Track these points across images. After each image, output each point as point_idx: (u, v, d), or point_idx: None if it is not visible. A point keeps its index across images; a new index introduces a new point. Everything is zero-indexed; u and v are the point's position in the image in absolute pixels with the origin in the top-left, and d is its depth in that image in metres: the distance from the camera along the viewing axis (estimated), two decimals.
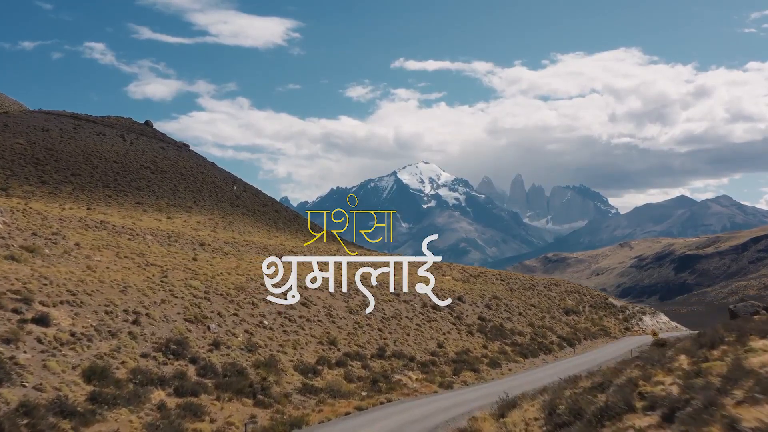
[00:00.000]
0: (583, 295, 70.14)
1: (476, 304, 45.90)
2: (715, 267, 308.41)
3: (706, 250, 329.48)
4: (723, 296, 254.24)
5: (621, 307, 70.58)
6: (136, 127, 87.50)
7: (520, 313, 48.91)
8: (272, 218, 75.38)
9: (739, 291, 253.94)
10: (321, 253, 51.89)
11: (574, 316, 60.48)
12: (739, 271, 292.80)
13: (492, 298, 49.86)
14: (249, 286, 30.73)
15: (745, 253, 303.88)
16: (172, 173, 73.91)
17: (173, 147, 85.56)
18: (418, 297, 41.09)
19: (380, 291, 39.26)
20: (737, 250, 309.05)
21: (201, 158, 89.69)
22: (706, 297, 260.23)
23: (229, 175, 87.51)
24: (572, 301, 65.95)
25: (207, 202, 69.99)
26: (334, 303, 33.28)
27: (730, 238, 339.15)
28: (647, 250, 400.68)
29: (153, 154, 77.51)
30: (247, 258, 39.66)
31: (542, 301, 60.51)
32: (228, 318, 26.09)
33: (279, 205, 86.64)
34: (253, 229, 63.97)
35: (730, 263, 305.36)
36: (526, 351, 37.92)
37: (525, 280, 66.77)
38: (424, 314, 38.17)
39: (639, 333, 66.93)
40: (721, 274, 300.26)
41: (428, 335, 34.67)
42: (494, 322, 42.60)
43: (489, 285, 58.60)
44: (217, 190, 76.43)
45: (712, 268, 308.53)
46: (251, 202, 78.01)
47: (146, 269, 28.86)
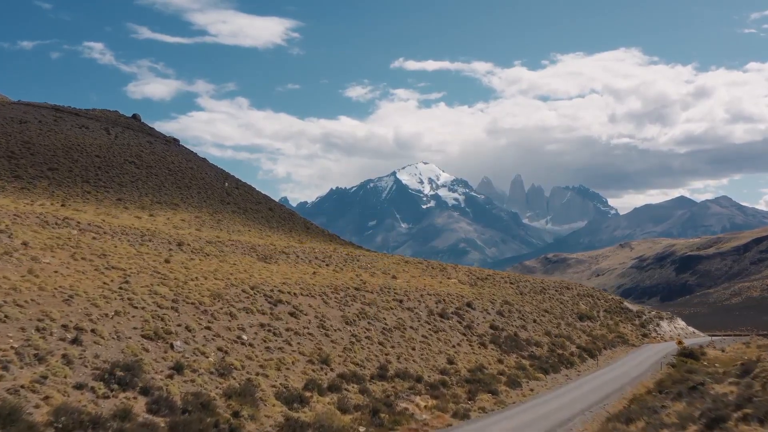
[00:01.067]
0: (596, 299, 65.76)
1: (487, 310, 41.41)
2: (717, 268, 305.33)
3: (708, 251, 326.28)
4: (726, 297, 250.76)
5: (637, 312, 66.22)
6: (122, 120, 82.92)
7: (534, 321, 44.44)
8: (265, 216, 70.86)
9: (742, 292, 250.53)
10: (316, 253, 47.42)
11: (589, 322, 56.18)
12: (741, 272, 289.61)
13: (503, 303, 45.40)
14: (228, 292, 26.22)
15: (747, 253, 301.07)
16: (158, 168, 69.37)
17: (161, 141, 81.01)
18: (423, 303, 36.61)
19: (382, 297, 34.78)
20: (739, 251, 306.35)
21: (191, 153, 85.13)
22: (709, 298, 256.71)
23: (220, 172, 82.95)
24: (586, 306, 61.64)
25: (195, 200, 65.47)
26: (328, 312, 28.78)
27: (732, 239, 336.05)
28: (648, 251, 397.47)
29: (139, 148, 72.95)
30: (231, 259, 35.16)
31: (554, 306, 56.18)
32: (198, 333, 21.58)
33: (273, 202, 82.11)
34: (243, 227, 59.44)
35: (732, 264, 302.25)
36: (546, 365, 33.44)
37: (535, 284, 62.34)
38: (430, 323, 33.67)
39: (658, 340, 62.51)
40: (722, 275, 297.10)
41: (436, 348, 30.17)
42: (508, 332, 38.12)
43: (498, 289, 54.17)
44: (207, 186, 71.90)
45: (714, 269, 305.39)
46: (243, 200, 73.48)
47: (105, 273, 24.34)
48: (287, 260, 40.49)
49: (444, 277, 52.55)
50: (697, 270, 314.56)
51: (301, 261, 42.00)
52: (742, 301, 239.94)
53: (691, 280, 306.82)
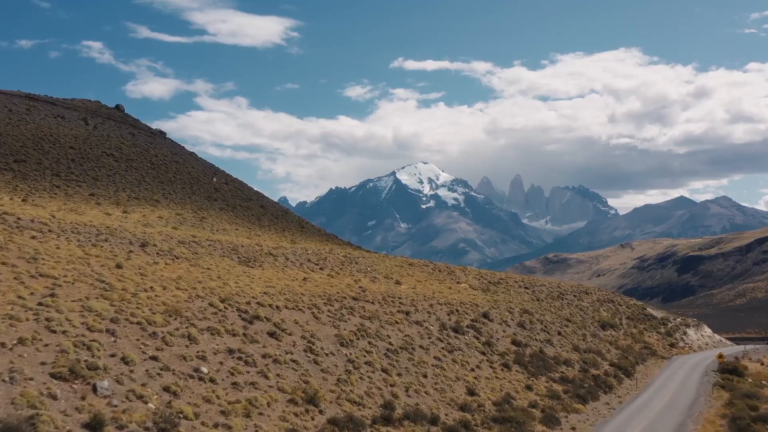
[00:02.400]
0: (617, 304, 60.09)
1: (506, 322, 35.69)
2: (719, 268, 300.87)
3: (710, 251, 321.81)
4: (730, 298, 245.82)
5: (662, 319, 60.57)
6: (103, 110, 77.10)
7: (559, 333, 38.73)
8: (256, 214, 65.14)
9: (746, 293, 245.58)
10: (309, 255, 41.67)
11: (612, 330, 50.57)
12: (744, 273, 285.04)
13: (522, 312, 39.69)
14: (190, 307, 20.48)
15: (750, 254, 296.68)
16: (139, 162, 63.62)
17: (146, 134, 75.21)
18: (433, 315, 30.87)
19: (385, 308, 29.06)
20: (741, 252, 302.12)
21: (178, 147, 79.36)
22: (713, 299, 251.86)
23: (209, 166, 77.23)
24: (607, 313, 56.02)
25: (178, 195, 59.72)
26: (319, 330, 23.05)
27: (734, 239, 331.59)
28: (649, 251, 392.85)
29: (119, 140, 67.21)
30: (205, 263, 29.42)
31: (574, 314, 50.56)
32: (139, 366, 15.86)
33: (266, 200, 76.35)
34: (230, 226, 53.70)
35: (735, 264, 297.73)
36: (582, 391, 27.75)
37: (552, 288, 56.65)
38: (443, 341, 27.94)
39: (686, 350, 56.95)
40: (725, 275, 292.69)
41: (452, 374, 24.46)
42: (533, 348, 32.41)
43: (513, 294, 48.48)
44: (193, 181, 66.15)
45: (716, 270, 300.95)
46: (232, 196, 67.75)
47: (26, 283, 18.62)
48: (274, 264, 34.75)
49: (453, 282, 46.86)
50: (700, 270, 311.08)
51: (291, 264, 36.27)
52: (747, 302, 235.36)
53: (693, 280, 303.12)
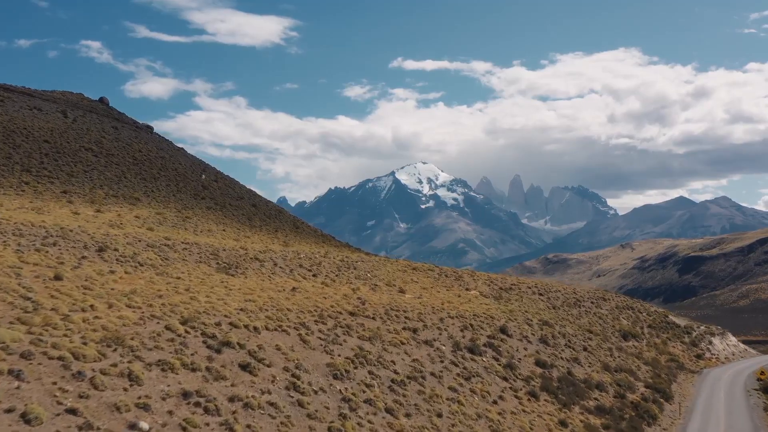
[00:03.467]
0: (637, 311, 55.50)
1: (526, 337, 31.03)
2: (721, 269, 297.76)
3: (711, 252, 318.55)
4: (733, 299, 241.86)
5: (686, 328, 55.98)
6: (84, 103, 72.33)
7: (584, 348, 34.09)
8: (247, 214, 60.44)
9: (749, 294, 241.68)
10: (301, 260, 36.99)
11: (634, 341, 46.02)
12: (746, 273, 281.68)
13: (542, 324, 35.05)
14: (139, 332, 15.78)
15: (752, 254, 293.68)
16: (121, 157, 58.90)
17: (130, 127, 70.46)
18: (445, 332, 26.20)
19: (388, 325, 24.39)
20: (743, 252, 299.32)
21: (166, 142, 74.57)
22: (716, 300, 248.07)
23: (198, 163, 72.50)
24: (627, 321, 51.45)
25: (162, 193, 55.01)
26: (308, 357, 18.36)
27: (735, 240, 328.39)
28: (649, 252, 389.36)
29: (100, 134, 62.48)
30: (174, 271, 24.74)
31: (594, 323, 46.04)
32: (47, 425, 11.20)
33: (258, 198, 71.66)
34: (216, 226, 49.01)
35: (736, 265, 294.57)
36: (625, 425, 23.11)
37: (567, 294, 52.06)
38: (458, 364, 23.29)
39: (714, 362, 52.37)
40: (726, 276, 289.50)
41: (472, 410, 19.81)
42: (560, 369, 27.77)
43: (528, 302, 43.87)
44: (180, 178, 61.42)
45: (718, 270, 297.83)
46: (222, 194, 63.04)
47: None
48: (260, 270, 30.06)
49: (461, 289, 42.21)
50: (701, 271, 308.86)
51: (280, 271, 31.58)
52: (751, 304, 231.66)
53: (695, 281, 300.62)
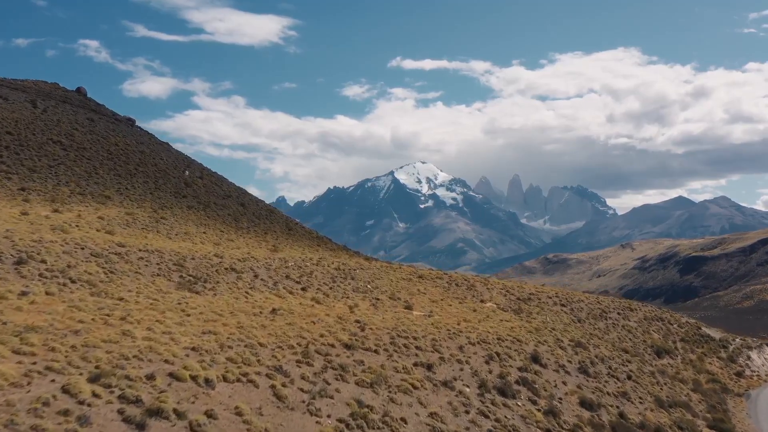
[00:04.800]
0: (667, 323, 49.88)
1: (563, 366, 25.32)
2: (723, 269, 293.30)
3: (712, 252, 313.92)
4: (737, 300, 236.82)
5: (721, 341, 50.29)
6: (58, 93, 66.44)
7: (629, 376, 28.40)
8: (233, 214, 54.70)
9: (753, 295, 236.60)
10: (289, 268, 31.26)
11: (669, 358, 40.47)
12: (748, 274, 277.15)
13: (575, 346, 29.37)
14: (12, 402, 10.06)
15: (754, 255, 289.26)
16: (94, 151, 53.12)
17: (108, 120, 64.63)
18: (467, 366, 20.47)
19: (394, 361, 18.64)
20: (745, 252, 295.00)
21: (149, 135, 68.72)
22: (719, 301, 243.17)
23: (183, 158, 66.68)
24: (658, 334, 45.83)
25: (138, 191, 49.24)
26: (282, 422, 12.62)
27: (737, 240, 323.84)
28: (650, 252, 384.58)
29: (72, 125, 56.70)
30: (118, 289, 19.02)
31: (623, 337, 40.54)
32: None
33: (248, 196, 65.87)
34: (196, 228, 43.25)
35: (738, 265, 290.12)
36: None
37: (591, 304, 46.42)
38: (488, 414, 17.56)
39: (756, 381, 46.65)
40: (728, 276, 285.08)
41: None
42: (609, 411, 22.11)
43: (551, 316, 38.24)
44: (160, 175, 55.63)
45: (719, 271, 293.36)
46: (207, 192, 57.28)
47: None
48: (235, 284, 24.29)
49: (475, 300, 36.53)
50: (702, 271, 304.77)
51: (261, 285, 25.81)
52: (755, 305, 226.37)
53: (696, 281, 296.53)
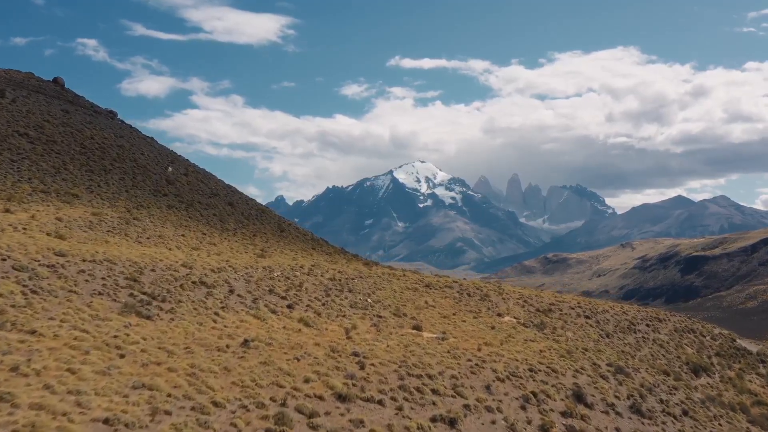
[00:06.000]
0: (700, 335, 45.11)
1: (611, 405, 20.52)
2: (724, 269, 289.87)
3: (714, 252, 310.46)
4: (740, 301, 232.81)
5: (758, 355, 45.51)
6: (32, 83, 61.45)
7: (684, 412, 23.64)
8: (219, 214, 49.83)
9: (757, 295, 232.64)
10: (273, 280, 26.40)
11: (706, 376, 35.73)
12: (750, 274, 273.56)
13: (615, 372, 24.59)
14: None
15: (755, 254, 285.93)
16: (65, 144, 48.27)
17: (86, 112, 59.73)
18: (500, 416, 15.57)
19: (405, 414, 13.72)
20: (746, 252, 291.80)
21: (130, 129, 63.78)
22: (722, 302, 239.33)
23: (167, 153, 61.71)
24: (691, 348, 41.05)
25: (112, 188, 44.38)
26: None
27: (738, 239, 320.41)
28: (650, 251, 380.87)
29: (44, 117, 51.83)
30: (33, 317, 14.22)
31: (656, 353, 36.00)
32: None
33: (238, 195, 60.95)
34: (173, 230, 38.39)
35: (740, 265, 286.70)
36: None
37: (618, 316, 41.69)
38: None
39: None
40: (730, 276, 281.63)
41: None
42: None
43: (576, 330, 33.50)
44: (139, 171, 50.75)
45: (721, 270, 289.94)
46: (191, 190, 52.40)
47: None
48: (203, 304, 19.43)
49: (491, 313, 31.78)
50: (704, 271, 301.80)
51: (236, 302, 20.97)
52: (759, 305, 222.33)
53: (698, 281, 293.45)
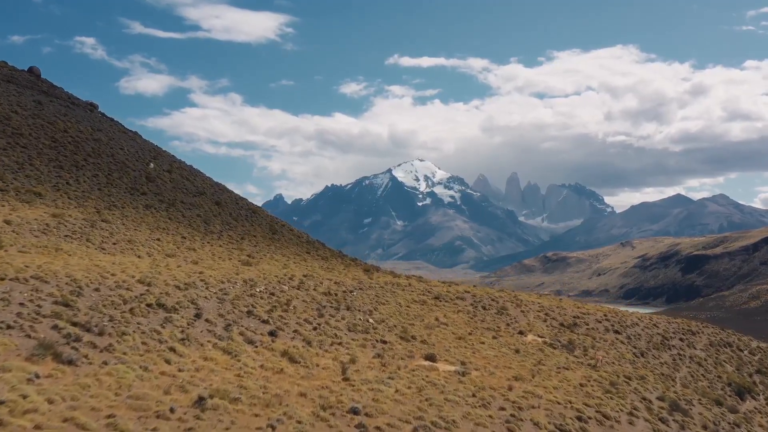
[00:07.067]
0: (737, 349, 40.85)
1: None
2: (725, 268, 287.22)
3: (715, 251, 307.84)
4: (743, 300, 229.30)
5: None
6: (3, 72, 56.67)
7: None
8: (204, 215, 45.38)
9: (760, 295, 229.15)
10: (255, 297, 21.91)
11: (751, 399, 31.45)
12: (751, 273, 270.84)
13: (670, 409, 20.20)
14: None
15: (757, 253, 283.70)
16: (33, 138, 43.80)
17: (63, 104, 55.20)
18: None
19: None
20: (748, 251, 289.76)
21: (111, 123, 59.14)
22: (725, 301, 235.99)
23: (150, 148, 57.13)
24: (730, 365, 36.74)
25: (84, 186, 39.93)
26: None
27: (740, 238, 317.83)
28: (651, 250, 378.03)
29: (13, 108, 47.33)
30: None
31: (695, 372, 31.82)
32: None
33: (227, 194, 56.46)
34: (148, 234, 33.95)
35: (741, 264, 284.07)
36: None
37: (648, 329, 37.39)
38: None
39: None
40: (731, 275, 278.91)
41: None
42: None
43: (609, 348, 29.11)
44: (116, 167, 46.25)
45: (722, 270, 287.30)
46: (174, 188, 47.91)
47: None
48: (156, 335, 14.98)
49: (511, 331, 27.37)
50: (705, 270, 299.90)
51: (201, 331, 16.50)
52: (763, 305, 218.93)
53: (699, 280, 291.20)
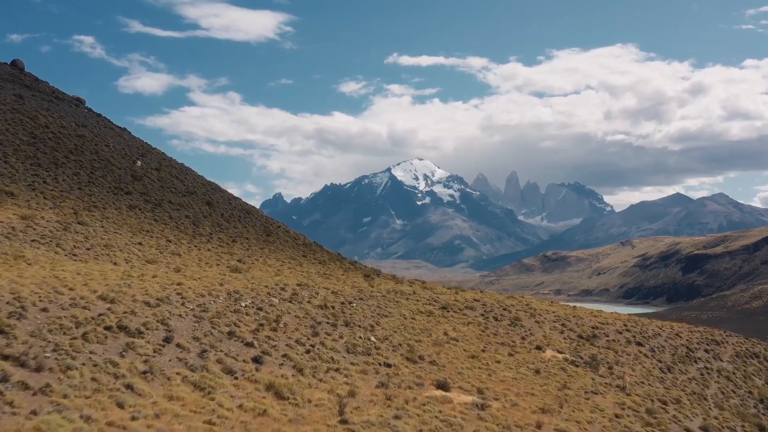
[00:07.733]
0: (763, 359, 38.09)
1: None
2: (726, 268, 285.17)
3: (715, 250, 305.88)
4: (745, 300, 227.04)
5: None
6: None
7: None
8: (193, 216, 42.49)
9: (762, 295, 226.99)
10: (239, 314, 19.09)
11: None
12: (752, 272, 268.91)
13: None
14: None
15: (758, 253, 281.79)
16: (10, 134, 40.87)
17: (46, 97, 52.32)
18: None
19: None
20: (749, 250, 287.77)
21: (98, 118, 56.22)
22: (726, 301, 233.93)
23: (140, 146, 54.21)
24: (759, 377, 34.06)
25: (62, 185, 37.08)
26: None
27: (740, 237, 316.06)
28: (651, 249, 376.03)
29: None
30: None
31: (725, 388, 29.07)
32: None
33: (220, 193, 53.52)
34: (129, 237, 31.11)
35: (742, 264, 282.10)
36: None
37: (671, 339, 34.58)
38: None
39: None
40: (732, 275, 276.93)
41: None
42: None
43: (634, 362, 26.34)
44: (100, 165, 43.38)
45: (723, 269, 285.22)
46: (162, 187, 45.02)
47: None
48: (111, 368, 12.12)
49: (527, 346, 24.59)
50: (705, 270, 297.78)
51: (170, 360, 13.67)
52: (765, 305, 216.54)
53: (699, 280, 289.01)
